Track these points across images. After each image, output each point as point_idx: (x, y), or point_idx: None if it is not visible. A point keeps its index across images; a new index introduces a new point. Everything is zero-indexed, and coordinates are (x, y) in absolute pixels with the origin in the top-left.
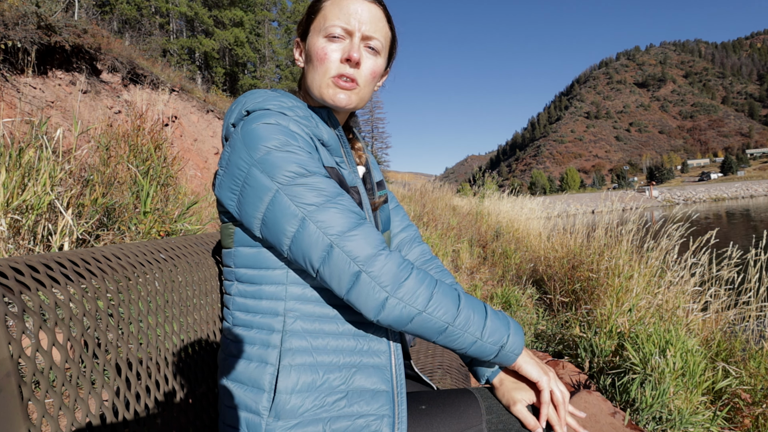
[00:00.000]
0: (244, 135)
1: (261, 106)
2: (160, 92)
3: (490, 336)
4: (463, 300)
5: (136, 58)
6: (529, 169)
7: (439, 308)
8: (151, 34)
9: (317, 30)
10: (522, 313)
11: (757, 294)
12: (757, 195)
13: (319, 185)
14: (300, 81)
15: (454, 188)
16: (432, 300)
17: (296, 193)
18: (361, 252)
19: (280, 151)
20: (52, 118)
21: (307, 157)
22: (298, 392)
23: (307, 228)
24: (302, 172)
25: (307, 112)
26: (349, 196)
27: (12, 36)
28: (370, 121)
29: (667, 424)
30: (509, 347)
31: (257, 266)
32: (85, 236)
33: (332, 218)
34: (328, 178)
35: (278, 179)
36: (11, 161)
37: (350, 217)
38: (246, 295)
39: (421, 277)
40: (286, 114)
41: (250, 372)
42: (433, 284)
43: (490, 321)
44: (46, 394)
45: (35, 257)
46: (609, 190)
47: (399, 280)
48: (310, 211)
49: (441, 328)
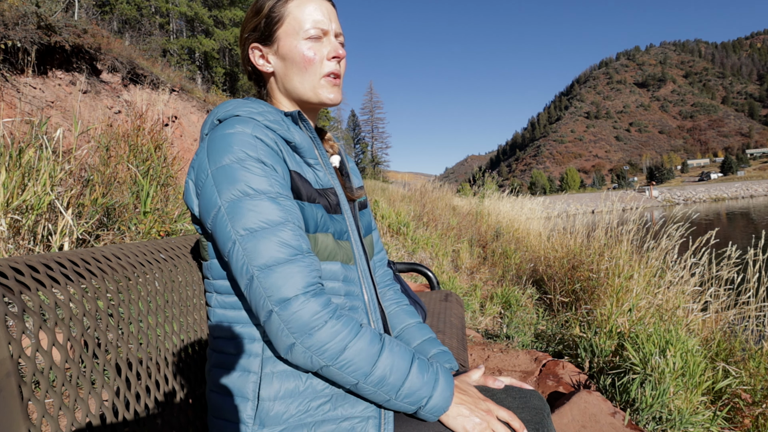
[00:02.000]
0: (209, 144)
1: (231, 113)
2: (160, 92)
3: (406, 397)
4: (384, 356)
5: (136, 58)
6: (529, 169)
7: (351, 363)
8: (151, 34)
9: (291, 33)
10: (522, 313)
11: (757, 294)
12: (757, 195)
13: (262, 210)
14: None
15: (454, 188)
16: (343, 355)
17: (235, 215)
18: (277, 292)
19: (234, 166)
20: (52, 118)
21: (260, 174)
22: (282, 398)
23: (236, 252)
24: (249, 192)
25: (277, 116)
26: (292, 227)
27: (12, 36)
28: (370, 121)
29: (667, 424)
30: (429, 409)
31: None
32: (85, 236)
33: (261, 248)
34: (278, 200)
35: (223, 196)
36: (11, 161)
37: (282, 250)
38: (225, 306)
39: (337, 329)
40: (255, 119)
41: (234, 382)
42: (352, 335)
43: (410, 381)
44: (46, 394)
45: (35, 257)
46: (609, 190)
47: (309, 329)
48: (243, 236)
49: (351, 383)
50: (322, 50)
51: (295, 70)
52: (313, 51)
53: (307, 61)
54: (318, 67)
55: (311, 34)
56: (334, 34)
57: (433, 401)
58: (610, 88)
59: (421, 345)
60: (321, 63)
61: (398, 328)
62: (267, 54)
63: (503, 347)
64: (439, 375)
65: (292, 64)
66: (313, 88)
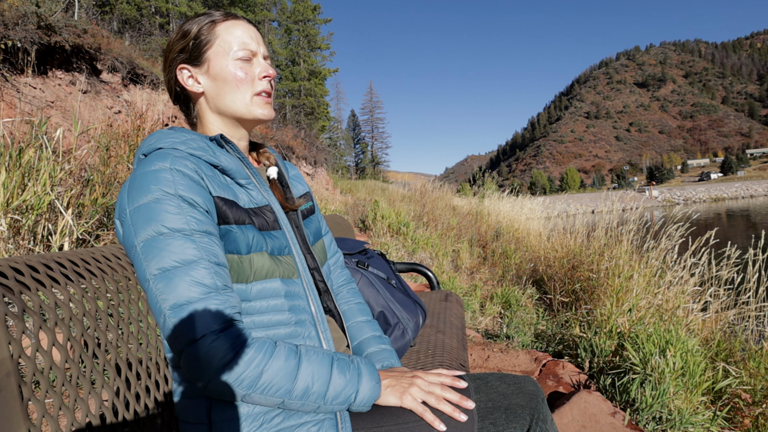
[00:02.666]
0: (129, 183)
1: (154, 147)
2: (160, 92)
3: (334, 399)
4: (304, 364)
5: (136, 58)
6: (529, 169)
7: (271, 385)
8: (151, 34)
9: (221, 54)
10: (522, 313)
11: (757, 294)
12: (757, 195)
13: (175, 249)
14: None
15: (454, 188)
16: (261, 378)
17: (149, 255)
18: (187, 332)
19: (150, 206)
20: (52, 118)
21: (175, 213)
22: (234, 420)
23: (150, 291)
24: (163, 231)
25: (201, 142)
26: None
27: (12, 36)
28: (370, 121)
29: (667, 424)
30: (359, 402)
31: None
32: (85, 236)
33: (172, 288)
34: (192, 239)
35: (140, 236)
36: (11, 161)
37: (192, 289)
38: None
39: (249, 356)
40: (177, 149)
41: (190, 409)
42: (266, 358)
43: (334, 384)
44: (46, 394)
45: (35, 257)
46: (609, 190)
47: (221, 364)
48: (155, 275)
49: (276, 403)
50: (253, 70)
51: (227, 89)
52: (244, 71)
53: (239, 81)
54: (249, 85)
55: (240, 55)
56: (263, 56)
57: (360, 395)
58: (610, 88)
59: (365, 341)
60: (252, 82)
61: (347, 324)
62: (196, 74)
63: (503, 347)
64: (361, 368)
65: (223, 83)
66: (246, 105)
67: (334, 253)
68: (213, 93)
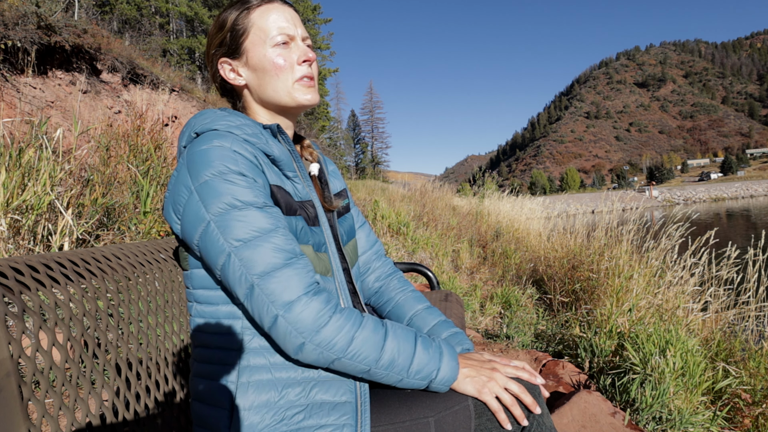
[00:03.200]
0: (188, 159)
1: (209, 127)
2: (160, 92)
3: (417, 374)
4: (389, 341)
5: (136, 58)
6: (529, 169)
7: (360, 352)
8: (151, 34)
9: (258, 43)
10: (522, 313)
11: (757, 294)
12: (757, 195)
13: (251, 220)
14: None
15: (454, 188)
16: (351, 345)
17: (226, 227)
18: (280, 296)
19: (217, 180)
20: (52, 118)
21: (244, 186)
22: (257, 408)
23: (232, 263)
24: (236, 204)
25: (255, 129)
26: (283, 232)
27: (12, 36)
28: (370, 121)
29: (667, 424)
30: (439, 380)
31: (212, 287)
32: (85, 236)
33: (257, 256)
34: (264, 210)
35: (211, 210)
36: (11, 161)
37: (278, 255)
38: (204, 315)
39: (342, 321)
40: (233, 133)
41: (212, 391)
42: (356, 328)
43: (417, 359)
44: (46, 394)
45: (35, 257)
46: (609, 190)
47: (317, 326)
48: (237, 246)
49: (363, 371)
50: (292, 56)
51: (267, 79)
52: (283, 57)
53: (278, 68)
54: (289, 72)
55: (278, 41)
56: (301, 38)
57: (441, 372)
58: (610, 88)
59: (433, 329)
60: (292, 68)
61: (408, 315)
62: (237, 67)
63: (503, 347)
64: (442, 348)
65: (263, 73)
66: (288, 93)
67: (373, 243)
68: (255, 84)
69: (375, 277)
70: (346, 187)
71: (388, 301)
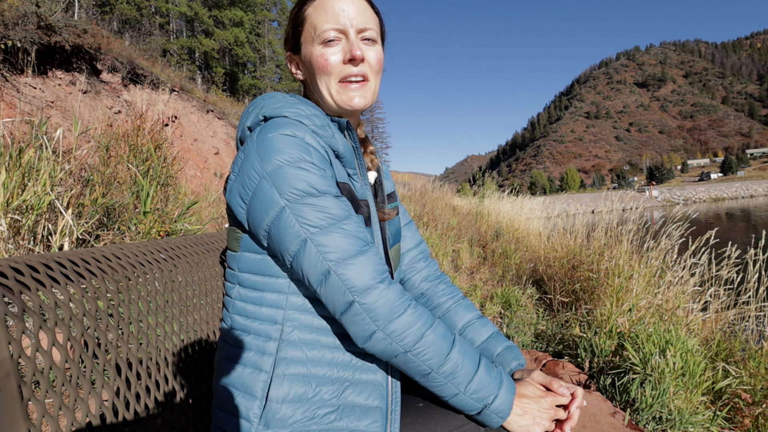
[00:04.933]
0: (258, 144)
1: (279, 113)
2: (160, 92)
3: (475, 392)
4: (455, 351)
5: (136, 58)
6: (529, 169)
7: (426, 351)
8: (151, 34)
9: (309, 40)
10: (522, 313)
11: (757, 294)
12: (757, 195)
13: (326, 207)
14: (305, 94)
15: (454, 188)
16: (420, 341)
17: (302, 213)
18: (357, 282)
19: (292, 167)
20: (52, 118)
21: (318, 175)
22: (290, 402)
23: (307, 249)
24: (311, 191)
25: (324, 120)
26: (356, 220)
27: (12, 36)
28: (370, 121)
29: (667, 424)
30: (495, 408)
31: (261, 273)
32: (85, 236)
33: (334, 243)
34: (338, 198)
35: (286, 196)
36: (11, 161)
37: (353, 242)
38: (247, 299)
39: (416, 317)
40: (303, 123)
41: (244, 377)
42: (428, 325)
43: (478, 378)
44: (46, 394)
45: (35, 257)
46: (609, 190)
47: (391, 316)
48: (313, 233)
49: (424, 372)
50: (339, 54)
51: (314, 79)
52: (326, 56)
53: (321, 68)
54: (331, 73)
55: (325, 37)
56: (357, 31)
57: (498, 401)
58: (610, 88)
59: (487, 342)
60: (335, 68)
61: (459, 325)
62: (298, 62)
63: None
64: (503, 377)
65: (311, 72)
66: (332, 94)
67: (419, 242)
68: (309, 82)
69: (422, 277)
70: (395, 190)
71: (437, 307)
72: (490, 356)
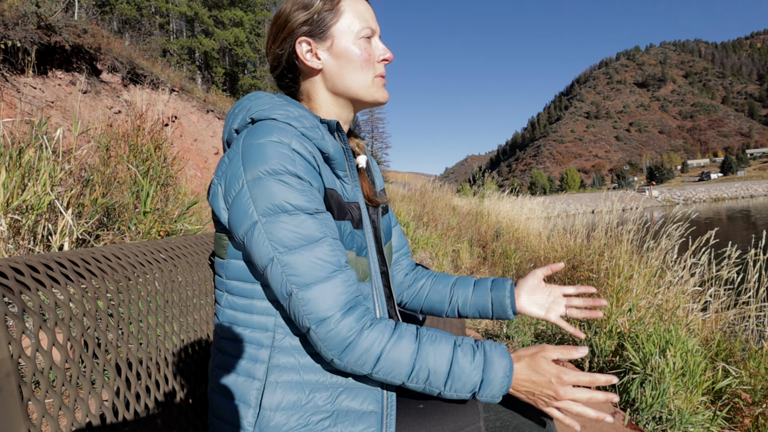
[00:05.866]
0: (243, 150)
1: (267, 115)
2: (160, 92)
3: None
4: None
5: (136, 58)
6: (529, 169)
7: (390, 370)
8: (151, 34)
9: (346, 32)
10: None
11: (757, 294)
12: (757, 195)
13: (299, 226)
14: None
15: (454, 188)
16: (378, 363)
17: (273, 231)
18: (314, 309)
19: (272, 180)
20: (52, 118)
21: (298, 189)
22: (283, 410)
23: (274, 268)
24: (286, 207)
25: (314, 122)
26: (330, 242)
27: (12, 36)
28: (370, 121)
29: (667, 424)
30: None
31: (250, 280)
32: (85, 236)
33: (300, 265)
34: (314, 216)
35: (260, 210)
36: (11, 161)
37: (320, 266)
38: (236, 307)
39: (370, 339)
40: (291, 125)
41: (237, 386)
42: (384, 342)
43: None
44: (46, 394)
45: (35, 257)
46: (609, 190)
47: (344, 346)
48: (281, 253)
49: (397, 383)
50: (375, 51)
51: (349, 69)
52: (368, 52)
53: (363, 61)
54: (372, 67)
55: (365, 34)
56: (378, 35)
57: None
58: (610, 88)
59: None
60: (374, 64)
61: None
62: (317, 49)
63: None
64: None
65: (347, 62)
66: (366, 87)
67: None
68: (333, 71)
69: (405, 272)
70: (384, 187)
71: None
72: (485, 296)
